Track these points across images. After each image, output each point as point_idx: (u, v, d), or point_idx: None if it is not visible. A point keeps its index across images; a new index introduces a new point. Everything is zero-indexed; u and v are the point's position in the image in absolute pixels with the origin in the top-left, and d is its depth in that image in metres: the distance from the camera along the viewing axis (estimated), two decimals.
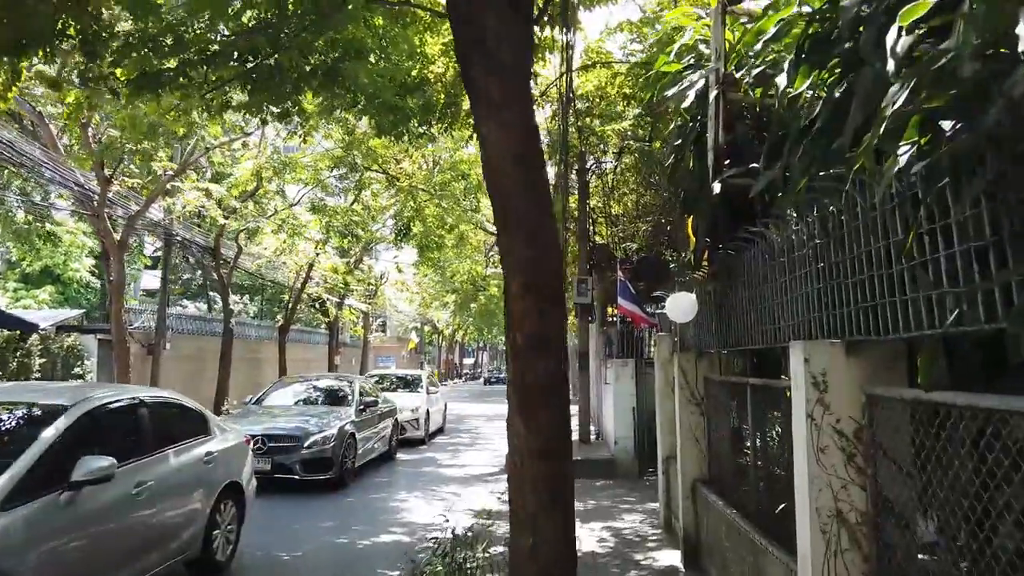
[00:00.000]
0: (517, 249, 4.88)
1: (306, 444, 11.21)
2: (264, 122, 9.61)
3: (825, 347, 3.38)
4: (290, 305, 27.22)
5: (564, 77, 10.70)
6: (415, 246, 22.59)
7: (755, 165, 4.84)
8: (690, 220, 6.06)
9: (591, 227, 16.13)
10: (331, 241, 25.98)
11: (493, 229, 27.01)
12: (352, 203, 26.02)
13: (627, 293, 14.23)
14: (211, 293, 34.56)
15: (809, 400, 3.34)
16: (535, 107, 12.77)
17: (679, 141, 5.87)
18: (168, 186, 20.54)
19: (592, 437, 16.59)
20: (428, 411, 18.13)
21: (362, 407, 12.75)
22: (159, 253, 30.38)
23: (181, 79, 8.21)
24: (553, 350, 4.85)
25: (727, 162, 5.24)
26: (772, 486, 5.10)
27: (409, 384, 19.18)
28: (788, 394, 4.39)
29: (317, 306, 30.38)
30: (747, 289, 4.98)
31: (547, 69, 11.09)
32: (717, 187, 5.09)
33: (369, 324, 35.87)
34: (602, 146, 16.15)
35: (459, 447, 17.77)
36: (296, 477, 11.13)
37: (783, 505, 4.82)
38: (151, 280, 36.26)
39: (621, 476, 13.47)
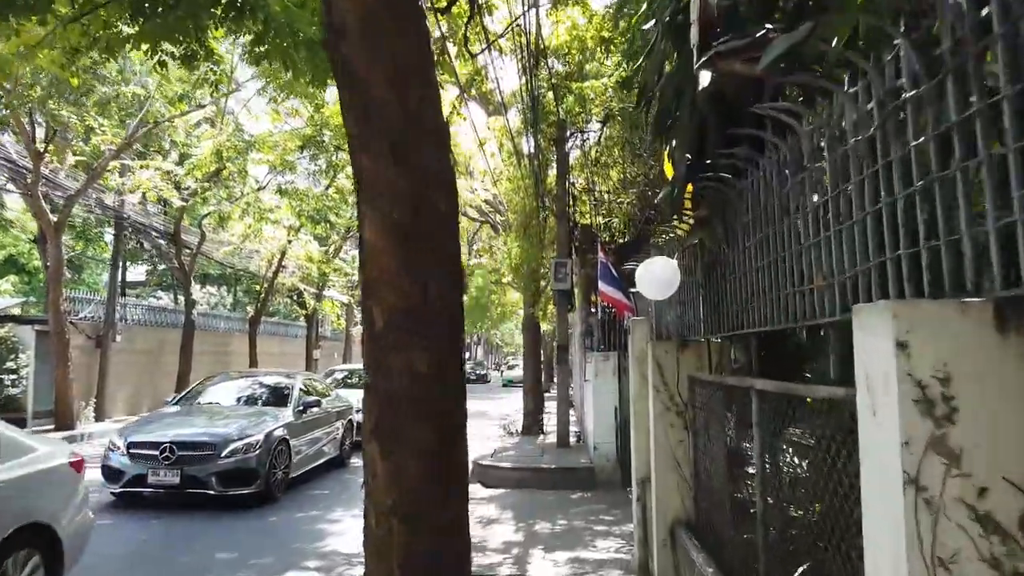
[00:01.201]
0: (376, 168, 2.92)
1: (224, 453, 9.24)
2: (163, 64, 7.63)
3: (951, 314, 1.41)
4: (261, 295, 25.26)
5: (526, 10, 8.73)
6: None
7: (770, 27, 2.89)
8: (667, 151, 4.09)
9: (571, 205, 14.16)
10: (304, 228, 23.97)
11: (472, 214, 25.01)
12: (327, 188, 24.08)
13: (609, 277, 12.27)
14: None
15: (911, 442, 1.37)
16: (495, 52, 10.69)
17: (651, 24, 3.90)
18: (119, 165, 18.66)
19: (573, 439, 14.64)
20: None
21: (302, 408, 10.75)
22: (127, 244, 28.53)
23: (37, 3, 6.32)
24: (433, 337, 2.90)
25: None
26: (788, 538, 3.19)
27: None
28: (808, 403, 2.45)
29: (294, 297, 28.39)
30: (752, 234, 3.02)
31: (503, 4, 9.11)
32: (705, 78, 3.12)
33: (353, 316, 33.85)
34: (584, 115, 14.18)
35: None
36: (211, 492, 9.17)
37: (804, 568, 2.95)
38: (131, 272, 34.28)
39: (602, 487, 11.54)
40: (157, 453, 9.18)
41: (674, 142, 3.89)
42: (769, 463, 3.40)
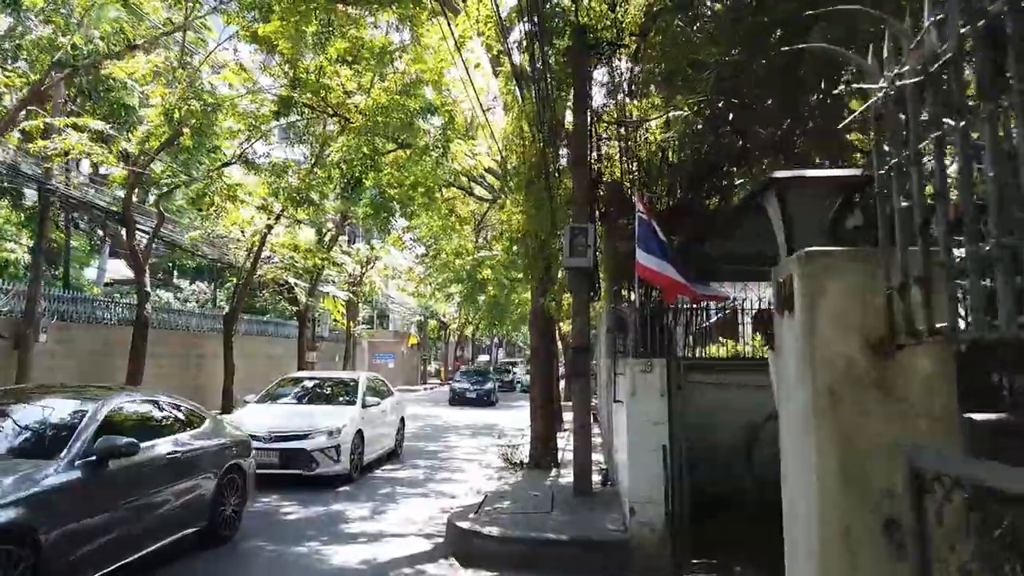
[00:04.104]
0: None
1: None
2: None
3: None
4: (237, 290, 20.77)
5: None
6: (367, 208, 15.98)
7: None
8: None
9: (593, 145, 9.32)
10: (286, 210, 19.33)
11: (479, 191, 20.27)
12: (313, 166, 19.47)
13: (653, 242, 7.48)
14: (176, 280, 28.25)
15: None
16: None
17: None
18: (40, 124, 14.30)
19: (597, 477, 9.81)
20: (361, 432, 11.47)
21: (94, 458, 5.47)
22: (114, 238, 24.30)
23: None
24: None
25: None
26: None
27: (337, 394, 12.50)
28: None
29: (284, 293, 23.85)
30: None
31: None
32: None
33: (356, 315, 29.23)
34: (614, 24, 9.43)
35: (401, 487, 11.09)
36: None
37: None
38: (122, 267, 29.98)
39: (640, 573, 6.78)
40: None
41: None
42: None
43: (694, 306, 8.74)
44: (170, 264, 27.88)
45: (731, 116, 6.71)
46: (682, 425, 7.18)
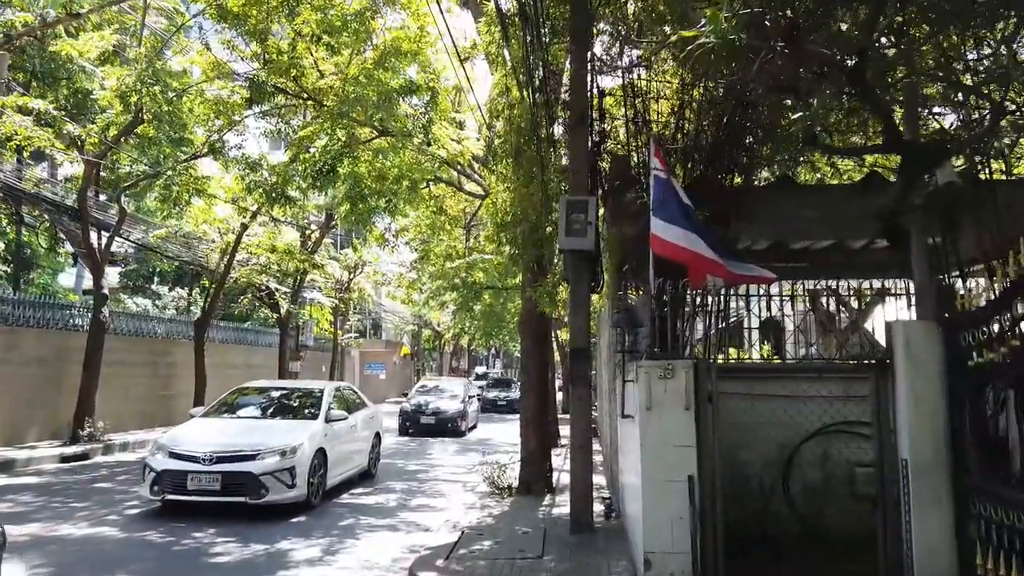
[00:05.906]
0: None
1: None
2: None
3: None
4: (209, 293, 18.91)
5: None
6: (342, 200, 14.19)
7: None
8: None
9: (597, 108, 7.50)
10: (262, 208, 17.45)
11: (471, 188, 18.42)
12: (292, 161, 17.63)
13: (673, 206, 5.61)
14: (155, 286, 26.31)
15: None
16: None
17: None
18: None
19: (600, 512, 7.91)
20: (324, 451, 9.56)
21: None
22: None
23: None
24: None
25: None
26: None
27: (298, 407, 10.57)
28: None
29: (264, 298, 21.96)
30: None
31: None
32: None
33: (344, 323, 27.31)
34: None
35: (366, 518, 9.15)
36: None
37: None
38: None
39: None
40: None
41: None
42: None
43: (721, 293, 6.87)
44: (150, 270, 26.03)
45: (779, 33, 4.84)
46: (712, 444, 5.30)
